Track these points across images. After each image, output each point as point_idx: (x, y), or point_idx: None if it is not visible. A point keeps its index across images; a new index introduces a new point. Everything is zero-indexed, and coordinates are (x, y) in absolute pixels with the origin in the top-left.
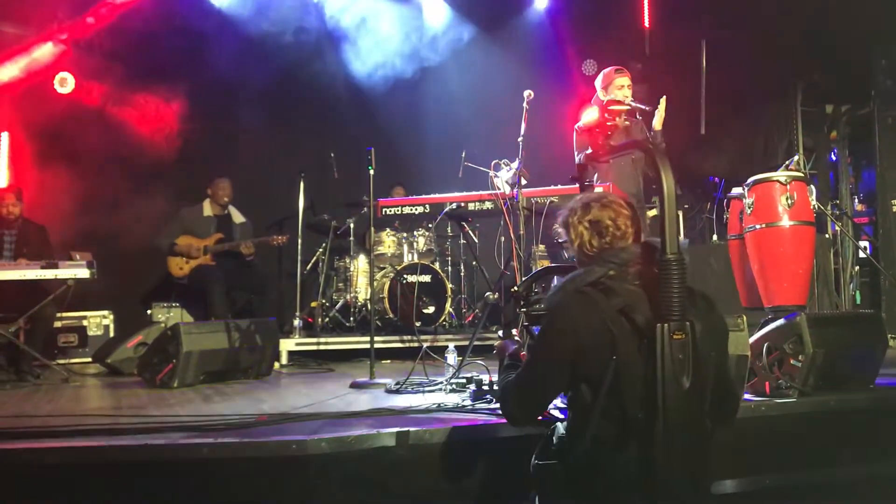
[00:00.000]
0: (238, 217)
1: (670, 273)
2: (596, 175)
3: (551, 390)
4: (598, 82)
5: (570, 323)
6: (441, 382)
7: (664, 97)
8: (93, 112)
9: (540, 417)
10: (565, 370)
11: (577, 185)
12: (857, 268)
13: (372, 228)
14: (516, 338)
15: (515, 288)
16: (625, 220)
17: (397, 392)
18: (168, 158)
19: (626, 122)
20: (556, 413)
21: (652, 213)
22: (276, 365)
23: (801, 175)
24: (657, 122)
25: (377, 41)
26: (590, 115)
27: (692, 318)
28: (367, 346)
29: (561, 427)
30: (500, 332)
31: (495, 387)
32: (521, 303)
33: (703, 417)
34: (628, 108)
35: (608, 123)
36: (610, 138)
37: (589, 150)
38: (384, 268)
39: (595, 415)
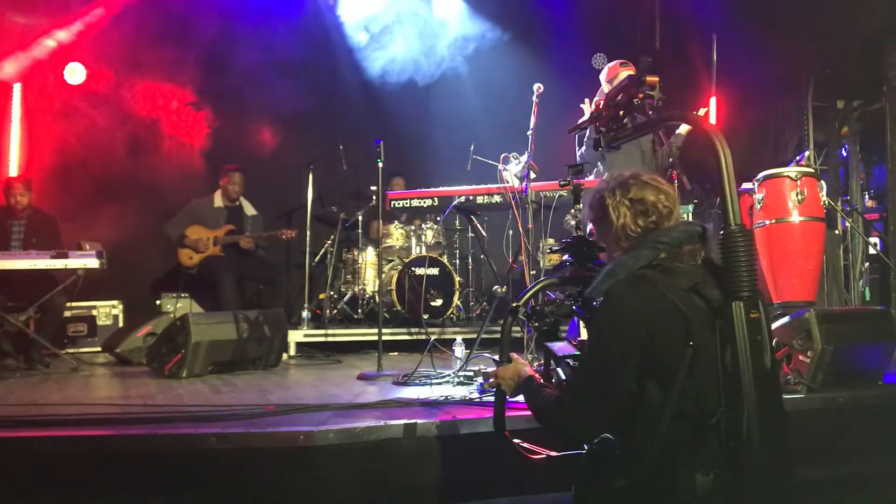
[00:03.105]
0: (250, 209)
1: (736, 245)
2: (600, 164)
3: (621, 392)
4: (602, 76)
5: (635, 308)
6: (448, 375)
7: (707, 109)
8: (103, 102)
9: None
10: (635, 365)
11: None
12: (866, 264)
13: (381, 220)
14: (520, 360)
15: (515, 304)
16: (669, 200)
17: (405, 384)
18: (178, 149)
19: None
20: None
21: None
22: (284, 356)
23: (812, 171)
24: (683, 128)
25: (389, 39)
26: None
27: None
28: (375, 338)
29: (609, 439)
30: (495, 357)
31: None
32: (531, 319)
33: (782, 403)
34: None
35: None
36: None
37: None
38: (392, 260)
39: (667, 415)
